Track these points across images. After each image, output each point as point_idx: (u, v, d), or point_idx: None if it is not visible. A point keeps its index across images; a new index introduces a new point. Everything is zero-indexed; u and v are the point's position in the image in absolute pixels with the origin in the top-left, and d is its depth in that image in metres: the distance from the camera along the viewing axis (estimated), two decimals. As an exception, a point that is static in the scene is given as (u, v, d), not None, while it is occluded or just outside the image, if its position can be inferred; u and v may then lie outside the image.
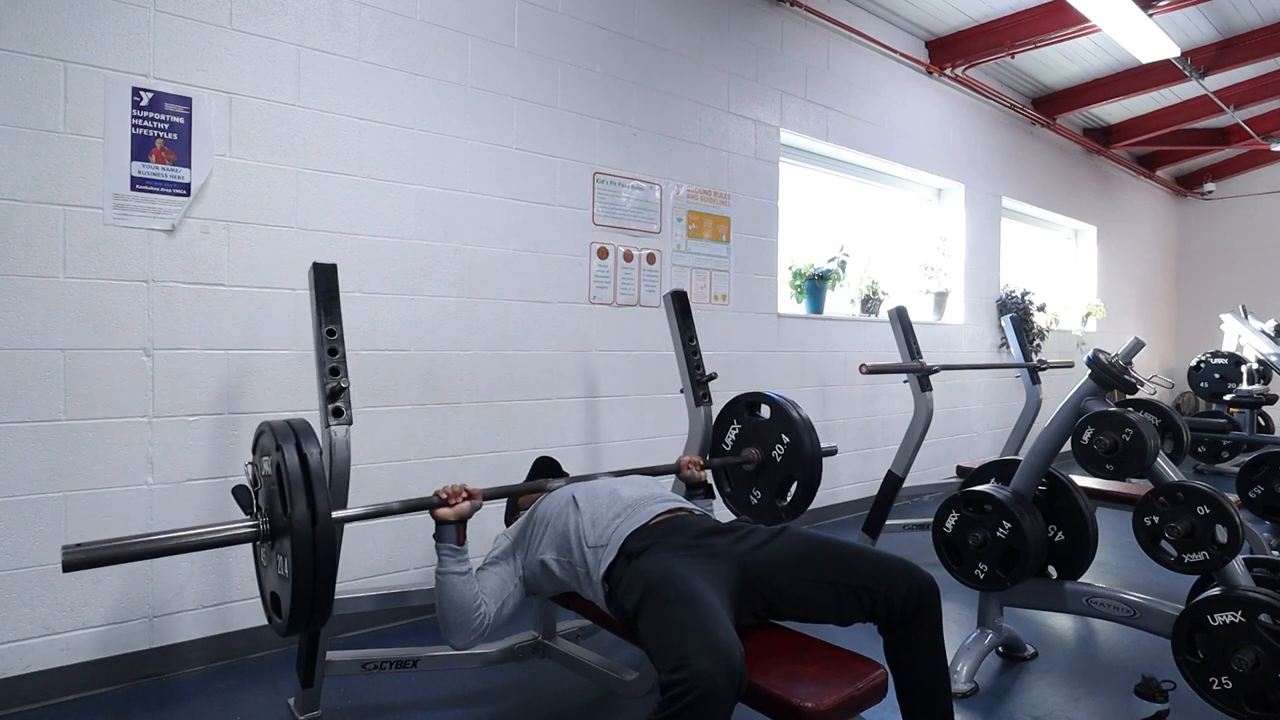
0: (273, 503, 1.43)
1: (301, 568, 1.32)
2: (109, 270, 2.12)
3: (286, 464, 1.35)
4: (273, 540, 1.45)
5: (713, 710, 1.20)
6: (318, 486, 1.36)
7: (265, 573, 1.54)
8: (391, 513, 1.63)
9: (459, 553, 1.67)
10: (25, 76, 1.99)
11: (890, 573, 1.55)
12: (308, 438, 1.41)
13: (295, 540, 1.32)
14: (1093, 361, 2.08)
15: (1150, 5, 4.08)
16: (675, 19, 3.48)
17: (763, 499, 2.29)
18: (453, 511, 1.66)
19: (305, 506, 1.33)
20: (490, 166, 2.86)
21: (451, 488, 1.68)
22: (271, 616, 1.51)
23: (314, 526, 1.33)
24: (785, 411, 2.24)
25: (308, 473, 1.36)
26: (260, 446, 1.52)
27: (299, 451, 1.38)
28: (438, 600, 1.68)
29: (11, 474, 2.00)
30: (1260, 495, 3.23)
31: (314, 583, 1.34)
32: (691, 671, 1.21)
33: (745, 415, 2.36)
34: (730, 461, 2.34)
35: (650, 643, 1.40)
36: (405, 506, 1.64)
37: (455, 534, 1.67)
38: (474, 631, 1.70)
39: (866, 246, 4.76)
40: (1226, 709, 1.74)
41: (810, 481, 2.20)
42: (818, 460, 2.21)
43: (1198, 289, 8.57)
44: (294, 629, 1.40)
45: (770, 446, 2.27)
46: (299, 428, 1.42)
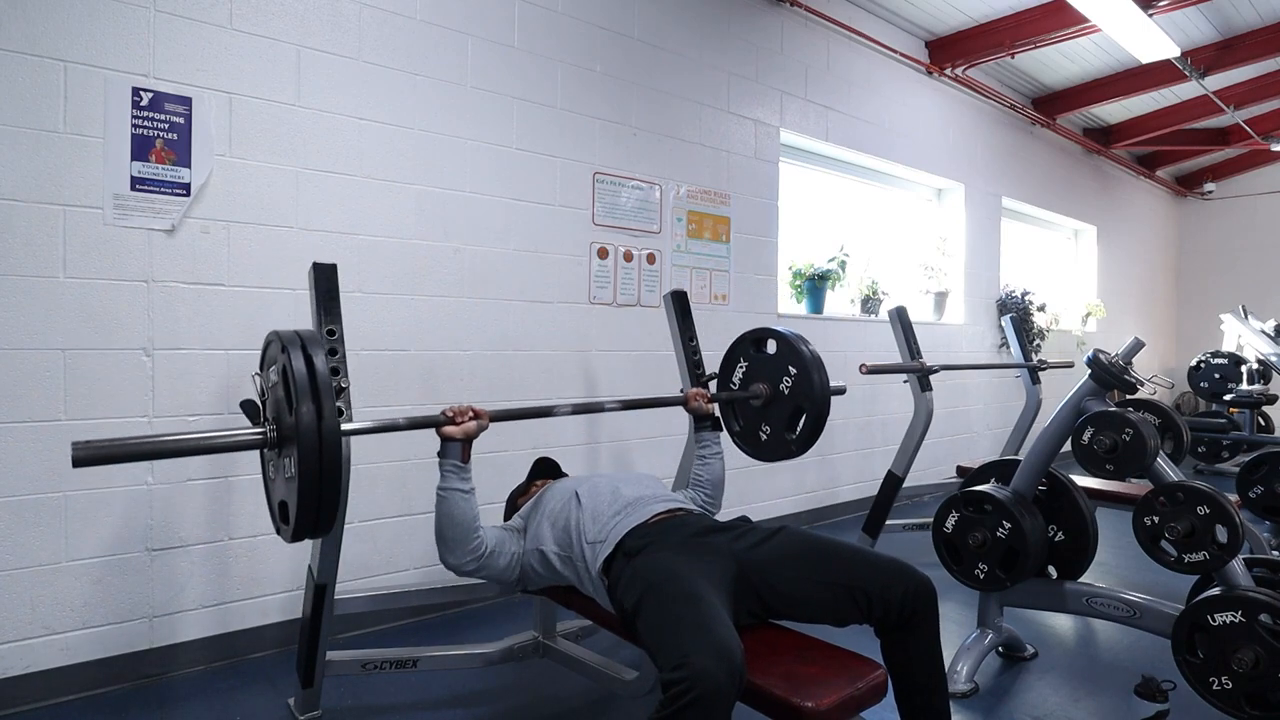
0: (280, 410, 1.42)
1: (308, 471, 1.33)
2: (109, 270, 2.12)
3: (294, 370, 1.35)
4: (280, 447, 1.45)
5: (714, 708, 1.21)
6: (324, 392, 1.35)
7: (274, 484, 1.55)
8: (398, 428, 1.67)
9: (462, 470, 1.70)
10: (25, 76, 1.99)
11: (886, 574, 1.55)
12: (315, 345, 1.40)
13: (302, 444, 1.32)
14: (1093, 361, 2.08)
15: (1150, 5, 4.08)
16: (675, 19, 3.48)
17: (772, 434, 2.24)
18: (459, 430, 1.69)
19: (312, 410, 1.33)
20: (490, 166, 2.86)
21: (459, 406, 1.71)
22: (279, 526, 1.52)
23: (320, 429, 1.33)
24: (792, 345, 2.18)
25: (314, 379, 1.35)
26: (268, 357, 1.52)
27: (306, 358, 1.37)
28: (437, 516, 1.71)
29: (11, 474, 2.00)
30: (1260, 495, 3.23)
31: (321, 486, 1.34)
32: (693, 670, 1.21)
33: (751, 352, 2.30)
34: (738, 396, 2.28)
35: (650, 641, 1.40)
36: (412, 422, 1.69)
37: (460, 452, 1.70)
38: (470, 552, 1.73)
39: (866, 246, 4.76)
40: (1226, 709, 1.74)
41: (819, 414, 2.14)
42: (826, 392, 2.14)
43: (1198, 289, 8.57)
44: (300, 535, 1.40)
45: (778, 380, 2.20)
46: (306, 336, 1.41)
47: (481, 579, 1.82)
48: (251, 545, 2.36)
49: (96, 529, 2.11)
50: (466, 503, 1.71)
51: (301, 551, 2.35)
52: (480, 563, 1.76)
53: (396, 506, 2.65)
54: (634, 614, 1.49)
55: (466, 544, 1.72)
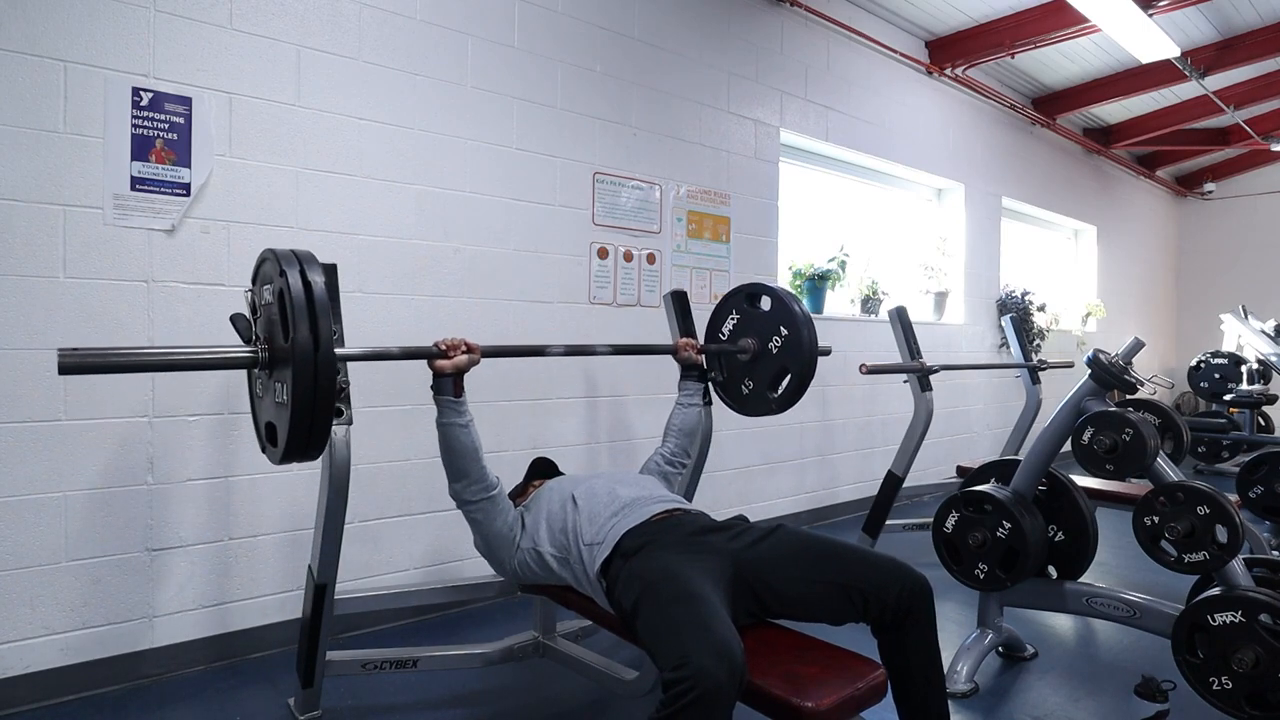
0: (273, 330, 1.40)
1: (302, 397, 1.31)
2: (109, 270, 2.12)
3: (290, 290, 1.32)
4: (271, 368, 1.43)
5: (715, 707, 1.21)
6: (321, 316, 1.33)
7: (261, 403, 1.52)
8: (391, 356, 1.69)
9: (457, 404, 1.73)
10: (25, 76, 1.99)
11: (882, 573, 1.56)
12: (312, 265, 1.38)
13: (297, 369, 1.30)
14: (1093, 361, 2.08)
15: (1150, 5, 4.07)
16: (675, 19, 3.48)
17: (754, 389, 2.25)
18: (450, 363, 1.70)
19: (308, 334, 1.31)
20: (490, 166, 2.86)
21: (451, 340, 1.72)
22: (265, 446, 1.50)
23: (316, 355, 1.31)
24: (786, 304, 2.18)
25: (311, 300, 1.33)
26: (261, 275, 1.49)
27: (303, 278, 1.34)
28: (441, 450, 1.74)
29: (11, 474, 2.00)
30: (1260, 495, 3.23)
31: (314, 412, 1.33)
32: (693, 669, 1.21)
33: (745, 306, 2.30)
34: (726, 349, 2.29)
35: (650, 641, 1.40)
36: (405, 352, 1.70)
37: (453, 386, 1.72)
38: (479, 481, 1.77)
39: (866, 246, 4.76)
40: (1226, 709, 1.74)
41: (804, 375, 2.15)
42: (814, 354, 2.15)
43: (1198, 289, 8.57)
44: (290, 457, 1.39)
45: (768, 338, 2.21)
46: (303, 256, 1.39)
47: (480, 531, 1.84)
48: (251, 545, 2.36)
49: (96, 528, 2.11)
50: (466, 433, 1.73)
51: (301, 551, 2.35)
52: (488, 496, 1.79)
53: (396, 506, 2.65)
54: (633, 614, 1.49)
55: (473, 473, 1.76)
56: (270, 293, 1.42)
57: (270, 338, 1.43)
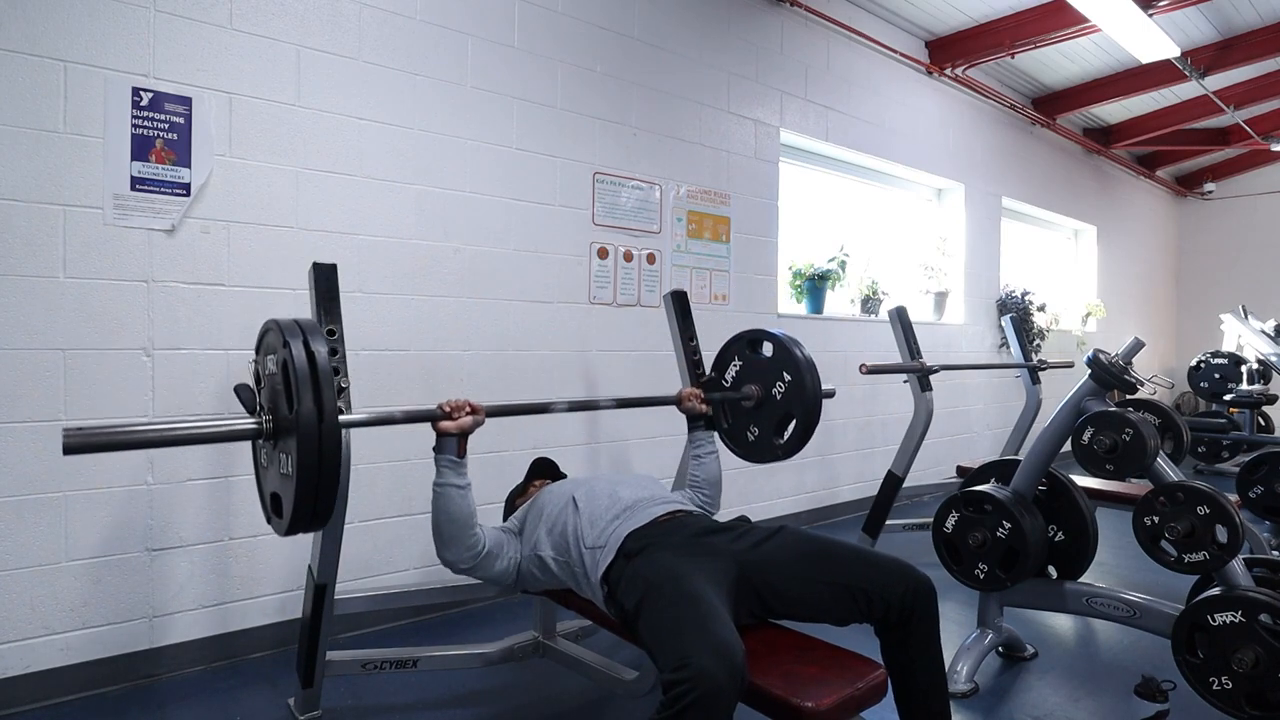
0: (277, 401, 1.39)
1: (307, 468, 1.30)
2: (109, 270, 2.12)
3: (294, 361, 1.32)
4: (275, 439, 1.42)
5: (715, 708, 1.20)
6: (325, 384, 1.33)
7: (265, 474, 1.51)
8: (394, 421, 1.66)
9: (459, 466, 1.69)
10: (25, 76, 1.99)
11: (886, 574, 1.55)
12: (315, 335, 1.38)
13: (301, 440, 1.29)
14: (1093, 361, 2.08)
15: (1150, 5, 4.07)
16: (675, 19, 3.48)
17: (760, 436, 2.26)
18: (455, 425, 1.67)
19: (313, 405, 1.30)
20: (490, 166, 2.86)
21: (455, 401, 1.69)
22: (271, 517, 1.49)
23: (321, 426, 1.30)
24: (788, 350, 2.18)
25: (315, 370, 1.33)
26: (265, 345, 1.49)
27: (307, 349, 1.34)
28: (434, 512, 1.70)
29: (11, 474, 2.00)
30: (1260, 495, 3.23)
31: (319, 483, 1.32)
32: (693, 670, 1.21)
33: (747, 352, 2.31)
34: (730, 397, 2.29)
35: (651, 642, 1.40)
36: (409, 416, 1.68)
37: (456, 447, 1.69)
38: (468, 549, 1.72)
39: (866, 246, 4.76)
40: (1226, 709, 1.74)
41: (809, 421, 2.15)
42: (818, 399, 2.15)
43: (1198, 289, 8.57)
44: (295, 529, 1.38)
45: (771, 384, 2.22)
46: (306, 326, 1.39)
47: (478, 579, 1.82)
48: (251, 545, 2.36)
49: (96, 529, 2.11)
50: (463, 498, 1.69)
51: (301, 551, 2.35)
52: (477, 561, 1.75)
53: (396, 506, 2.65)
54: (634, 615, 1.49)
55: (463, 540, 1.71)
56: (274, 363, 1.42)
57: (275, 408, 1.41)
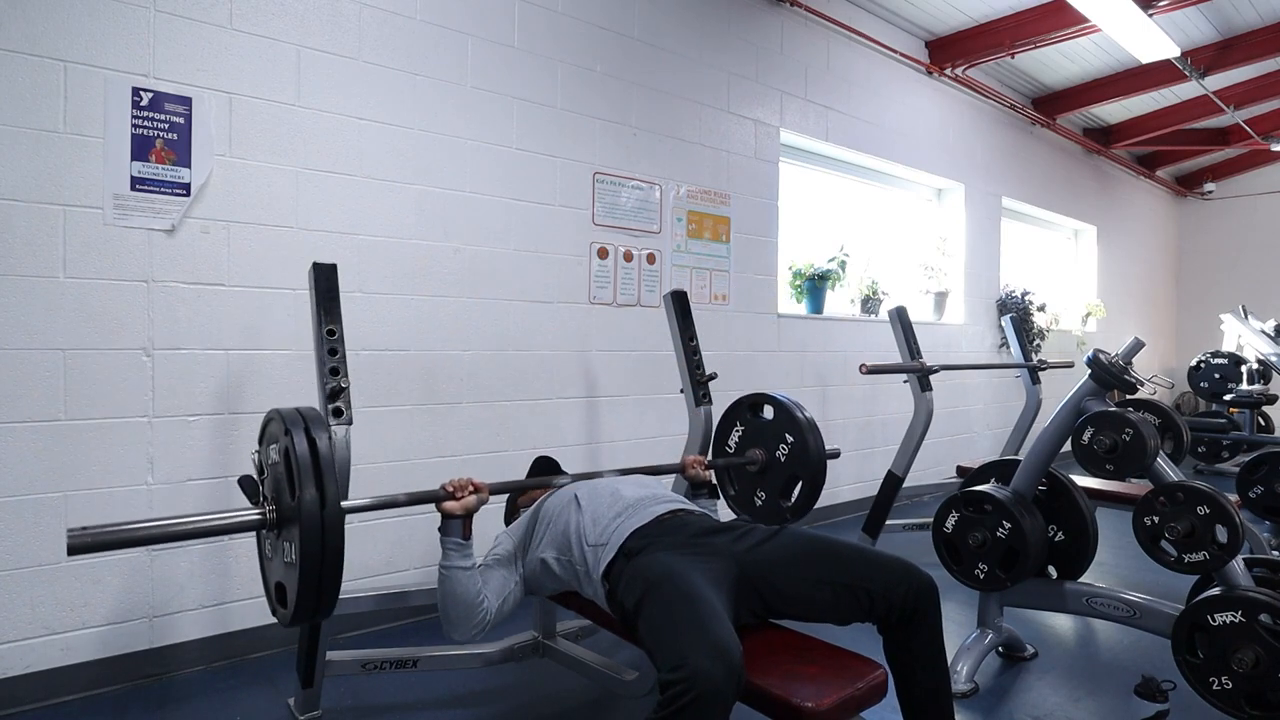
0: (280, 491, 1.40)
1: (309, 556, 1.30)
2: (109, 270, 2.12)
3: (296, 451, 1.33)
4: (279, 529, 1.42)
5: (712, 709, 1.20)
6: (327, 474, 1.33)
7: (270, 564, 1.52)
8: (398, 504, 1.63)
9: (464, 548, 1.67)
10: (25, 76, 1.99)
11: (889, 573, 1.55)
12: (317, 425, 1.39)
13: (304, 528, 1.30)
14: (1093, 361, 2.08)
15: (1150, 5, 4.07)
16: (675, 19, 3.48)
17: (767, 499, 2.27)
18: (459, 505, 1.65)
19: (314, 494, 1.31)
20: (490, 166, 2.86)
21: (458, 481, 1.66)
22: (276, 608, 1.49)
23: (323, 514, 1.31)
24: (789, 411, 2.22)
25: (317, 460, 1.34)
26: (267, 434, 1.50)
27: (308, 438, 1.35)
28: (440, 594, 1.67)
29: (11, 474, 2.00)
30: (1260, 495, 3.23)
31: (321, 571, 1.32)
32: (691, 670, 1.21)
33: (748, 416, 2.34)
34: (735, 462, 2.31)
35: (650, 641, 1.40)
36: (411, 499, 1.65)
37: (461, 529, 1.66)
38: (475, 627, 1.70)
39: (866, 246, 4.76)
40: (1226, 709, 1.74)
41: (815, 481, 2.17)
42: (823, 459, 2.17)
43: (1198, 289, 8.57)
44: (300, 619, 1.38)
45: (774, 447, 2.24)
46: (308, 415, 1.40)
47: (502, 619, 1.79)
48: (251, 545, 2.36)
49: (96, 529, 2.11)
50: (469, 579, 1.66)
51: (301, 551, 2.35)
52: (485, 631, 1.72)
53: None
54: (634, 614, 1.49)
55: (471, 620, 1.68)
56: (276, 452, 1.42)
57: (278, 497, 1.41)
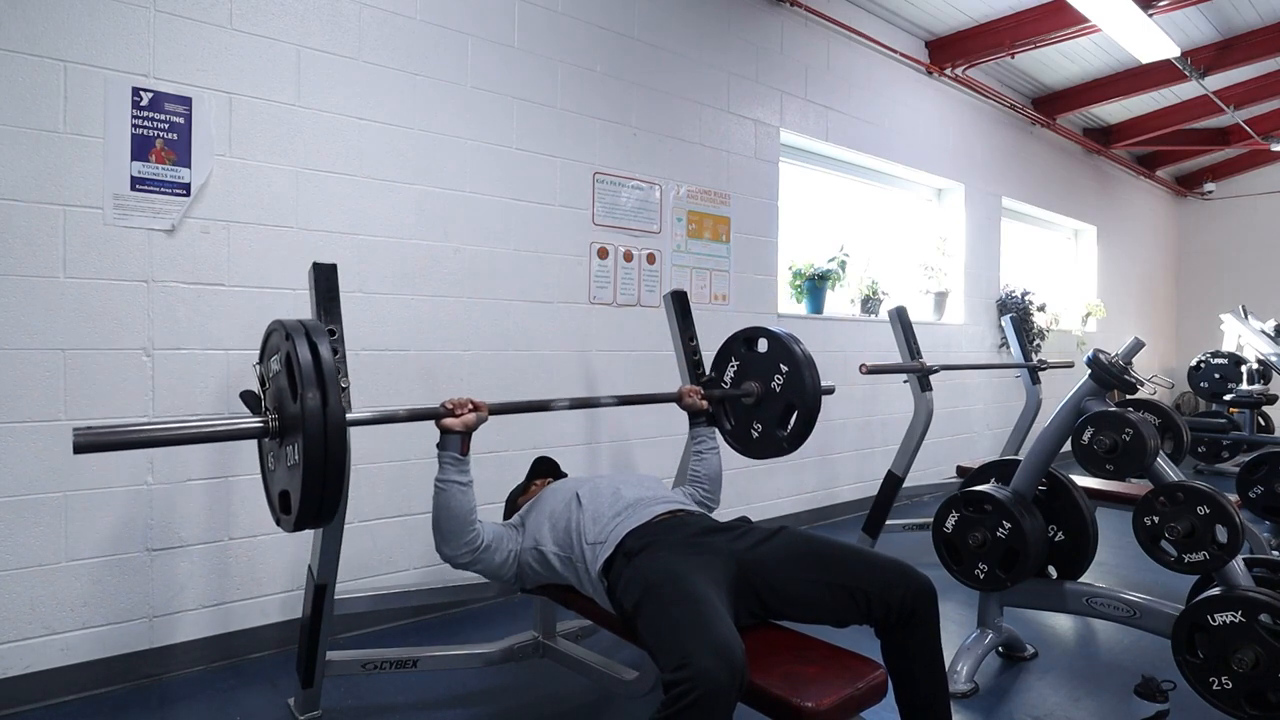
0: (282, 399, 1.41)
1: (313, 459, 1.32)
2: (109, 270, 2.12)
3: (299, 357, 1.35)
4: (282, 437, 1.43)
5: (716, 708, 1.21)
6: (330, 380, 1.35)
7: (273, 474, 1.53)
8: (399, 419, 1.70)
9: (461, 463, 1.72)
10: (25, 76, 1.99)
11: (887, 575, 1.55)
12: (319, 333, 1.40)
13: (307, 431, 1.32)
14: (1093, 361, 2.08)
15: (1150, 5, 4.07)
16: (675, 19, 3.48)
17: (764, 431, 2.27)
18: (459, 422, 1.70)
19: (318, 397, 1.33)
20: (490, 166, 2.86)
21: (458, 399, 1.72)
22: (280, 517, 1.51)
23: (326, 417, 1.32)
24: (784, 344, 2.21)
25: (320, 366, 1.35)
26: (269, 346, 1.52)
27: (311, 345, 1.37)
28: (435, 507, 1.72)
29: (11, 474, 2.00)
30: (1260, 495, 3.23)
31: (325, 474, 1.34)
32: (694, 670, 1.21)
33: (743, 350, 2.33)
34: (730, 394, 2.31)
35: (651, 642, 1.40)
36: (412, 414, 1.72)
37: (459, 444, 1.72)
38: (465, 545, 1.74)
39: (866, 246, 4.76)
40: (1226, 709, 1.75)
41: (810, 410, 2.16)
42: (818, 392, 2.17)
43: (1198, 289, 8.57)
44: (303, 524, 1.40)
45: (769, 379, 2.24)
46: (310, 325, 1.41)
47: (477, 572, 1.83)
48: (251, 545, 2.36)
49: (96, 529, 2.11)
50: (464, 495, 1.72)
51: (301, 551, 2.35)
52: (475, 555, 1.77)
53: (396, 506, 2.65)
54: (634, 614, 1.49)
55: (462, 536, 1.74)
56: (279, 361, 1.43)
57: (280, 406, 1.43)
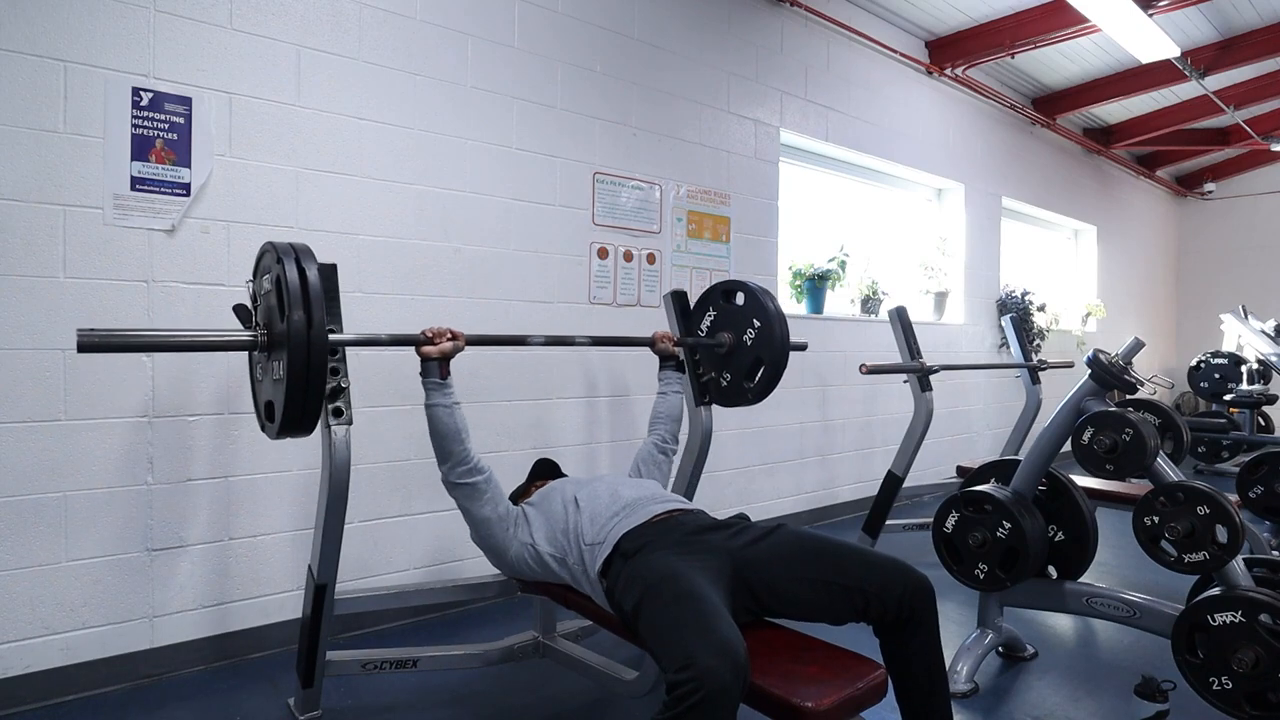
0: (271, 316, 1.53)
1: (296, 371, 1.44)
2: (109, 270, 2.11)
3: (286, 278, 1.46)
4: (270, 350, 1.56)
5: (721, 707, 1.21)
6: (314, 300, 1.46)
7: (260, 385, 1.66)
8: (380, 342, 1.90)
9: (443, 386, 1.84)
10: (25, 76, 1.99)
11: (884, 574, 1.55)
12: (307, 256, 1.51)
13: (291, 347, 1.44)
14: (1093, 361, 2.08)
15: (1150, 5, 4.08)
16: (675, 19, 3.48)
17: (732, 380, 2.40)
18: (436, 349, 1.82)
19: (302, 316, 1.44)
20: (490, 166, 2.86)
21: (437, 328, 1.83)
22: (265, 424, 1.64)
23: (309, 333, 1.44)
24: (758, 299, 2.31)
25: (306, 287, 1.46)
26: (261, 266, 1.63)
27: (299, 267, 1.47)
28: (430, 433, 1.84)
29: (11, 474, 2.00)
30: (1260, 495, 3.23)
31: (307, 386, 1.46)
32: (699, 670, 1.21)
33: (721, 302, 2.43)
34: (704, 342, 2.42)
35: (653, 642, 1.40)
36: (394, 339, 1.87)
37: (439, 370, 1.84)
38: (460, 462, 1.84)
39: (866, 246, 4.76)
40: (1226, 709, 1.74)
41: (777, 364, 2.26)
42: (786, 345, 2.27)
43: (1198, 289, 8.57)
44: (285, 431, 1.52)
45: (742, 331, 2.35)
46: (299, 248, 1.52)
47: (472, 518, 1.89)
48: (251, 545, 2.36)
49: (96, 529, 2.11)
50: (450, 415, 1.82)
51: (301, 551, 2.35)
52: (472, 481, 1.85)
53: (396, 506, 2.65)
54: (634, 615, 1.49)
55: (456, 453, 1.83)
56: (269, 281, 1.53)
57: (269, 323, 1.55)
